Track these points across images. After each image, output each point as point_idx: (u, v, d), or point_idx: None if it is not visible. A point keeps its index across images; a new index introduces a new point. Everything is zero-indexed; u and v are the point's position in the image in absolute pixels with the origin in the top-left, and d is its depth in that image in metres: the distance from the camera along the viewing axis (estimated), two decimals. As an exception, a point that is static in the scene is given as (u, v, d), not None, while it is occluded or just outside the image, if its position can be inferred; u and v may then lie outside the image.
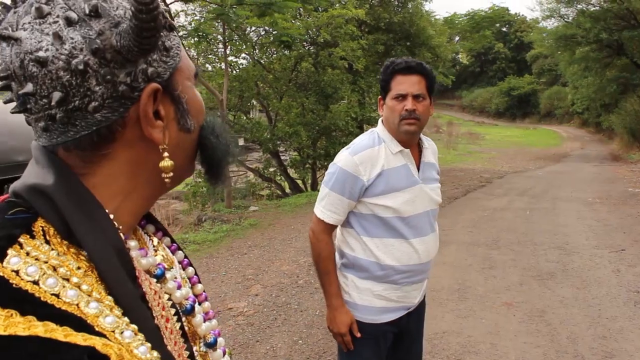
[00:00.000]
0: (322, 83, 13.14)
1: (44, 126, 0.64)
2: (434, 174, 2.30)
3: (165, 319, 0.71)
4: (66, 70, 0.60)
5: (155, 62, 0.66)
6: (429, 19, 17.27)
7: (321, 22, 11.86)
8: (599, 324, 4.38)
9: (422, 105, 2.12)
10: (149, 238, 0.84)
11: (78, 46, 0.60)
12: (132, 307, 0.62)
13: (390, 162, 2.14)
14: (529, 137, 31.24)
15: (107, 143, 0.66)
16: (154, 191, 0.75)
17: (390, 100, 2.15)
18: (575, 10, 21.77)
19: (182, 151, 0.74)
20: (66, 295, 0.57)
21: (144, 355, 0.60)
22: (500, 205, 9.86)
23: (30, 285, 0.55)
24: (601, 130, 30.51)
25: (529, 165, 17.85)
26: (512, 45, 49.88)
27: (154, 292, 0.70)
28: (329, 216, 2.18)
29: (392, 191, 2.12)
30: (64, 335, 0.52)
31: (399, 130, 2.14)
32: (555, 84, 41.25)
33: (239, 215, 9.63)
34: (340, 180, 2.13)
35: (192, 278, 0.89)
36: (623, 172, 14.92)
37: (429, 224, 2.24)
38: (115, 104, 0.64)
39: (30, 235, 0.60)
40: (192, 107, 0.74)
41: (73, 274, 0.59)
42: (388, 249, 2.15)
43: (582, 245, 6.83)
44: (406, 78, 2.12)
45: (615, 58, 21.89)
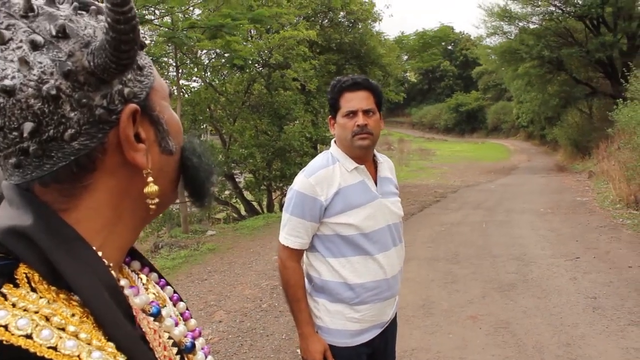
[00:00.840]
0: (276, 104, 13.15)
1: (16, 162, 0.58)
2: (392, 188, 2.31)
3: (168, 359, 0.66)
4: (37, 97, 0.55)
5: (131, 81, 0.62)
6: (379, 38, 17.58)
7: (273, 44, 11.89)
8: (562, 331, 4.46)
9: (372, 120, 2.14)
10: (137, 276, 0.78)
11: (48, 70, 0.55)
12: (135, 351, 0.57)
13: (346, 179, 2.14)
14: (478, 152, 32.06)
15: (87, 173, 0.61)
16: (139, 221, 0.70)
17: (341, 118, 2.16)
18: (517, 28, 22.61)
19: (166, 175, 0.70)
20: (65, 346, 0.51)
21: None
22: (457, 220, 10.01)
23: (23, 340, 0.49)
24: (546, 143, 31.64)
25: (480, 179, 18.27)
26: (458, 62, 51.32)
27: (153, 331, 0.65)
28: (293, 241, 2.16)
29: (351, 208, 2.12)
30: None
31: (353, 146, 2.14)
32: (501, 99, 42.58)
33: (197, 240, 9.44)
34: (299, 203, 2.13)
35: (184, 314, 0.83)
36: (569, 182, 15.44)
37: (392, 237, 2.23)
38: (93, 129, 0.59)
39: (13, 284, 0.54)
40: (172, 127, 0.70)
41: (68, 322, 0.53)
42: (354, 267, 2.13)
43: (539, 255, 6.99)
44: (354, 94, 2.14)
45: (556, 74, 22.79)
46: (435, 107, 48.55)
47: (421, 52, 50.70)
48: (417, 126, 50.33)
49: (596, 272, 6.09)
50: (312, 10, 14.99)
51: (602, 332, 4.40)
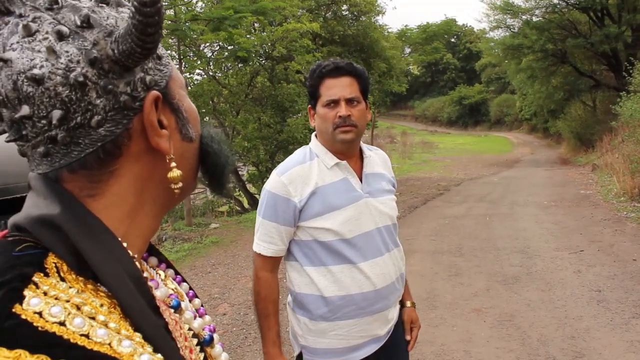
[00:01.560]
0: (279, 97, 13.11)
1: (44, 151, 0.60)
2: (384, 184, 2.03)
3: (189, 349, 0.67)
4: (64, 85, 0.57)
5: (152, 70, 0.64)
6: (382, 31, 17.53)
7: (276, 36, 11.84)
8: (567, 324, 4.46)
9: (357, 110, 1.88)
10: (155, 271, 0.79)
11: (74, 59, 0.57)
12: (161, 341, 0.58)
13: (325, 177, 1.90)
14: (481, 144, 32.01)
15: (113, 158, 0.62)
16: (160, 209, 0.71)
17: (321, 108, 1.90)
18: (521, 21, 22.51)
19: (186, 162, 0.72)
20: (96, 334, 0.52)
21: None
22: (460, 213, 10.00)
23: (57, 326, 0.50)
24: (549, 136, 31.57)
25: (484, 172, 18.25)
26: (461, 55, 51.16)
27: (175, 322, 0.66)
28: (266, 248, 1.91)
29: (329, 210, 1.87)
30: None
31: (335, 140, 1.89)
32: (504, 92, 42.47)
33: (200, 233, 9.46)
34: (271, 205, 1.89)
35: (199, 310, 0.83)
36: (573, 175, 15.41)
37: (382, 243, 1.96)
38: (118, 116, 0.61)
39: (43, 273, 0.55)
40: (190, 115, 0.72)
41: (98, 311, 0.55)
42: (335, 277, 1.88)
43: (543, 248, 6.98)
44: (336, 81, 1.88)
45: (559, 66, 22.70)
46: (438, 100, 48.43)
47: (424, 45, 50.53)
48: (420, 119, 50.23)
49: (600, 265, 6.09)
50: (316, 2, 14.95)
51: (607, 325, 4.40)
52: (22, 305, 0.50)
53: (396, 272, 2.01)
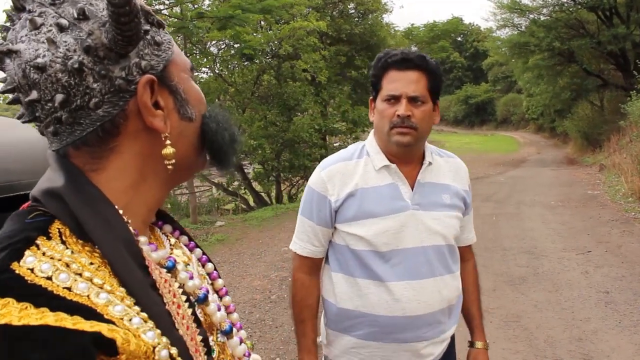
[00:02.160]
0: (285, 95, 13.11)
1: (53, 130, 0.68)
2: (445, 198, 1.76)
3: (177, 305, 0.73)
4: (64, 71, 0.64)
5: (148, 55, 0.71)
6: (389, 30, 17.49)
7: (283, 34, 11.83)
8: (574, 326, 4.43)
9: (420, 110, 1.65)
10: (166, 237, 0.87)
11: (71, 48, 0.64)
12: (142, 294, 0.65)
13: (368, 179, 1.71)
14: (488, 144, 31.88)
15: (112, 137, 0.70)
16: (164, 183, 0.78)
17: (380, 103, 1.70)
18: (528, 20, 22.40)
19: (186, 139, 0.77)
20: (77, 288, 0.60)
21: (152, 339, 0.62)
22: (466, 212, 9.95)
23: (44, 280, 0.59)
24: (556, 135, 31.40)
25: (490, 171, 18.17)
26: (468, 54, 51.03)
27: (164, 280, 0.73)
28: (301, 247, 1.79)
29: (366, 217, 1.68)
30: (72, 323, 0.56)
31: (389, 141, 1.68)
32: (511, 91, 42.30)
33: (206, 230, 9.46)
34: (308, 201, 1.77)
35: (211, 274, 0.92)
36: (580, 175, 15.32)
37: (427, 264, 1.70)
38: (115, 98, 0.68)
39: (46, 237, 0.63)
40: (191, 96, 0.78)
41: (85, 269, 0.63)
42: (362, 292, 1.69)
43: (550, 249, 6.94)
44: (401, 74, 1.66)
45: (566, 66, 22.57)
46: (445, 99, 48.23)
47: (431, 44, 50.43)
48: (426, 118, 50.08)
49: (608, 266, 6.04)
50: (323, 0, 14.91)
51: (615, 327, 4.36)
52: (19, 262, 0.59)
53: (441, 302, 1.71)
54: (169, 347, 0.64)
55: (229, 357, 0.86)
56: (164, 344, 0.64)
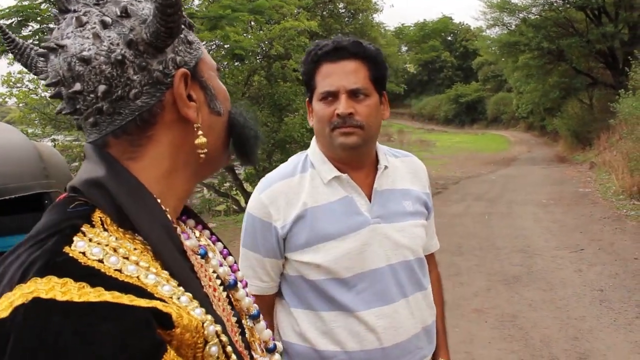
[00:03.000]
0: (276, 95, 13.04)
1: (93, 121, 0.73)
2: (407, 205, 1.55)
3: (213, 288, 0.79)
4: (107, 63, 0.69)
5: (182, 52, 0.77)
6: (379, 29, 17.48)
7: (273, 35, 11.78)
8: (569, 325, 4.42)
9: (363, 105, 1.43)
10: (191, 231, 0.91)
11: (115, 42, 0.70)
12: (185, 278, 0.70)
13: (318, 196, 1.48)
14: (478, 143, 31.95)
15: (150, 126, 0.75)
16: (193, 174, 0.82)
17: (317, 103, 1.47)
18: (517, 19, 22.47)
19: (215, 133, 0.82)
20: (127, 270, 0.64)
21: (200, 316, 0.67)
22: (459, 211, 9.96)
23: (96, 263, 0.63)
24: (546, 134, 31.50)
25: (481, 170, 18.21)
26: (458, 53, 51.05)
27: (200, 265, 0.79)
28: (249, 285, 1.51)
29: (321, 240, 1.44)
30: (129, 300, 0.60)
31: (333, 145, 1.46)
32: (501, 90, 42.35)
33: (197, 232, 9.39)
34: (250, 230, 1.52)
35: (232, 266, 0.96)
36: (571, 173, 15.38)
37: (396, 285, 1.49)
38: (152, 89, 0.73)
39: (90, 225, 0.67)
40: (219, 93, 0.84)
41: (131, 253, 0.67)
42: (327, 327, 1.46)
43: (543, 247, 6.94)
44: (336, 66, 1.44)
45: (556, 64, 22.65)
46: (435, 99, 48.26)
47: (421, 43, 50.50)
48: (417, 117, 50.09)
49: (601, 264, 6.05)
50: (313, 0, 14.87)
51: (610, 325, 4.35)
52: (70, 247, 0.63)
53: (416, 326, 1.52)
54: (215, 324, 0.68)
55: (257, 340, 0.91)
56: (211, 321, 0.68)
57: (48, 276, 0.59)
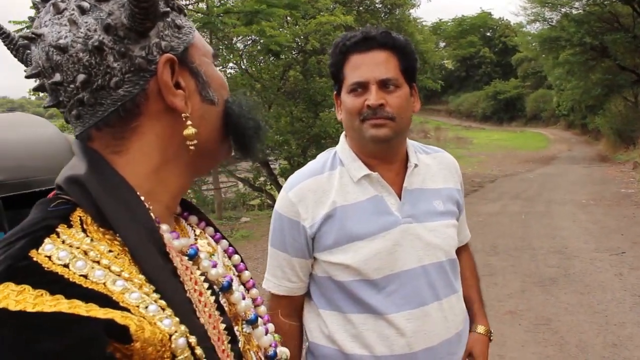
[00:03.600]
0: (311, 91, 13.02)
1: (76, 114, 0.70)
2: (438, 204, 1.50)
3: (199, 292, 0.72)
4: (85, 51, 0.66)
5: (168, 36, 0.72)
6: (416, 25, 17.30)
7: (309, 30, 11.75)
8: (608, 330, 4.27)
9: (394, 96, 1.39)
10: (192, 228, 0.87)
11: (92, 27, 0.66)
12: (162, 280, 0.65)
13: (347, 195, 1.44)
14: (517, 140, 31.36)
15: (133, 116, 0.70)
16: (186, 169, 0.77)
17: (346, 96, 1.43)
18: (559, 14, 21.93)
19: (208, 123, 0.77)
20: (94, 275, 0.61)
21: (168, 327, 0.62)
22: (495, 210, 9.79)
23: (61, 268, 0.59)
24: (587, 132, 30.75)
25: (519, 168, 17.86)
26: (497, 49, 50.19)
27: (186, 267, 0.72)
28: (276, 285, 1.50)
29: (350, 240, 1.40)
30: (86, 310, 0.56)
31: (363, 138, 1.41)
32: (541, 87, 41.47)
33: (231, 226, 9.48)
34: (278, 229, 1.49)
35: (238, 265, 0.92)
36: (613, 173, 14.95)
37: (429, 287, 1.44)
38: (135, 77, 0.69)
39: (67, 225, 0.64)
40: (213, 80, 0.78)
41: (103, 256, 0.63)
42: (357, 330, 1.42)
43: (581, 249, 6.75)
44: (365, 57, 1.40)
45: (599, 60, 22.03)
46: (473, 95, 47.58)
47: (459, 39, 49.79)
48: (454, 114, 49.47)
49: (643, 268, 5.84)
50: (349, -5, 14.79)
51: (651, 333, 4.19)
52: (37, 250, 0.60)
53: (449, 331, 1.46)
54: (188, 335, 0.64)
55: (255, 348, 0.85)
56: (182, 332, 0.63)
57: (6, 283, 0.56)
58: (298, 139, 12.94)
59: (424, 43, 16.95)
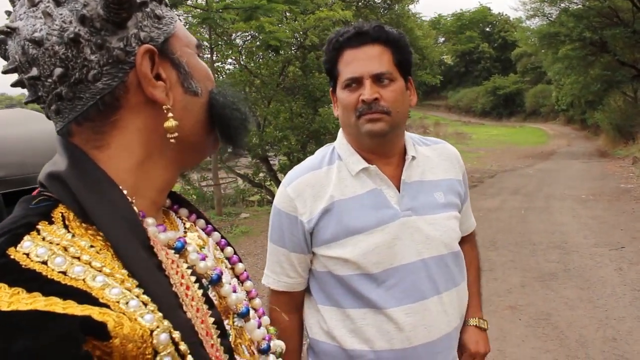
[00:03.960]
0: (310, 86, 13.01)
1: (55, 109, 0.68)
2: (439, 196, 1.49)
3: (185, 286, 0.71)
4: (60, 44, 0.64)
5: (147, 27, 0.70)
6: (415, 20, 17.27)
7: (308, 25, 11.73)
8: (608, 325, 4.28)
9: (389, 90, 1.38)
10: (181, 221, 0.86)
11: (67, 19, 0.64)
12: (145, 275, 0.63)
13: (345, 189, 1.44)
14: (516, 136, 31.35)
15: (113, 110, 0.69)
16: (171, 163, 0.76)
17: (341, 92, 1.42)
18: (559, 9, 21.87)
19: (192, 115, 0.76)
20: (73, 272, 0.59)
21: (149, 322, 0.60)
22: (494, 205, 9.79)
23: (39, 265, 0.58)
24: (586, 127, 30.73)
25: (518, 164, 17.85)
26: (496, 44, 50.13)
27: (172, 261, 0.70)
28: (276, 280, 1.50)
29: (349, 234, 1.40)
30: (63, 307, 0.55)
31: (359, 134, 1.42)
32: (540, 82, 41.44)
33: (230, 222, 9.47)
34: (276, 224, 1.49)
35: (231, 258, 0.91)
36: (612, 168, 14.95)
37: (429, 281, 1.43)
38: (113, 69, 0.67)
39: (48, 222, 0.63)
40: (196, 72, 0.77)
41: (84, 252, 0.62)
42: (355, 325, 1.42)
43: (581, 244, 6.75)
44: (358, 52, 1.39)
45: (598, 56, 21.99)
46: (472, 91, 47.51)
47: (458, 34, 49.71)
48: (454, 109, 49.42)
49: (643, 263, 5.84)
50: (348, -10, 14.77)
51: (651, 327, 4.20)
52: (16, 247, 0.59)
53: (449, 325, 1.46)
54: (171, 331, 0.62)
55: (247, 342, 0.83)
56: (164, 328, 0.61)
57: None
58: (297, 134, 12.94)
59: (424, 38, 16.94)
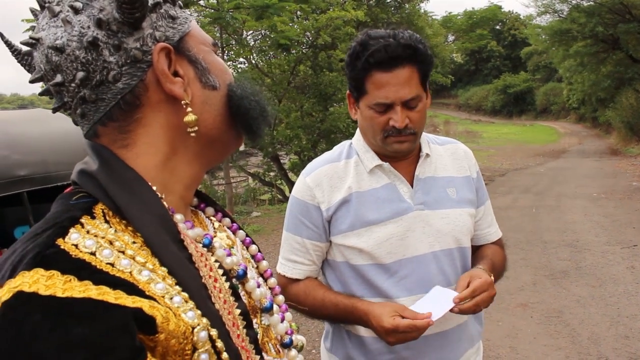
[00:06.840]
0: (322, 85, 13.03)
1: (81, 112, 0.72)
2: (451, 192, 1.54)
3: (214, 279, 0.74)
4: (80, 48, 0.68)
5: (162, 27, 0.73)
6: (426, 19, 17.24)
7: (320, 24, 11.75)
8: (620, 323, 4.29)
9: (417, 112, 1.42)
10: (210, 221, 0.89)
11: (85, 25, 0.68)
12: (178, 267, 0.67)
13: (362, 182, 1.50)
14: (527, 134, 31.18)
15: (135, 108, 0.72)
16: (196, 158, 0.79)
17: (367, 109, 1.44)
18: (570, 6, 21.73)
19: (212, 109, 0.78)
20: (120, 264, 0.63)
21: (192, 319, 0.64)
22: (505, 204, 9.77)
23: (88, 255, 0.61)
24: (598, 125, 30.48)
25: (529, 162, 17.78)
26: (506, 42, 49.87)
27: (201, 254, 0.74)
28: (290, 268, 1.55)
29: (364, 225, 1.46)
30: (114, 297, 0.58)
31: (384, 149, 1.47)
32: (551, 80, 41.21)
33: (242, 221, 9.53)
34: (294, 213, 1.54)
35: (255, 255, 0.94)
36: (624, 166, 14.86)
37: (439, 273, 1.48)
38: (132, 69, 0.70)
39: (91, 217, 0.66)
40: (213, 67, 0.79)
41: (128, 247, 0.65)
42: None
43: (593, 242, 6.75)
44: (390, 76, 1.37)
45: (610, 52, 21.82)
46: (482, 89, 47.29)
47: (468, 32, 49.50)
48: (464, 108, 49.24)
49: (655, 261, 5.83)
50: (359, -11, 14.77)
51: (663, 325, 4.21)
52: (64, 239, 0.62)
53: (460, 316, 1.46)
54: (209, 329, 0.65)
55: (274, 340, 0.85)
56: (204, 325, 0.65)
57: (35, 269, 0.57)
58: (308, 133, 12.96)
59: (434, 37, 16.91)
